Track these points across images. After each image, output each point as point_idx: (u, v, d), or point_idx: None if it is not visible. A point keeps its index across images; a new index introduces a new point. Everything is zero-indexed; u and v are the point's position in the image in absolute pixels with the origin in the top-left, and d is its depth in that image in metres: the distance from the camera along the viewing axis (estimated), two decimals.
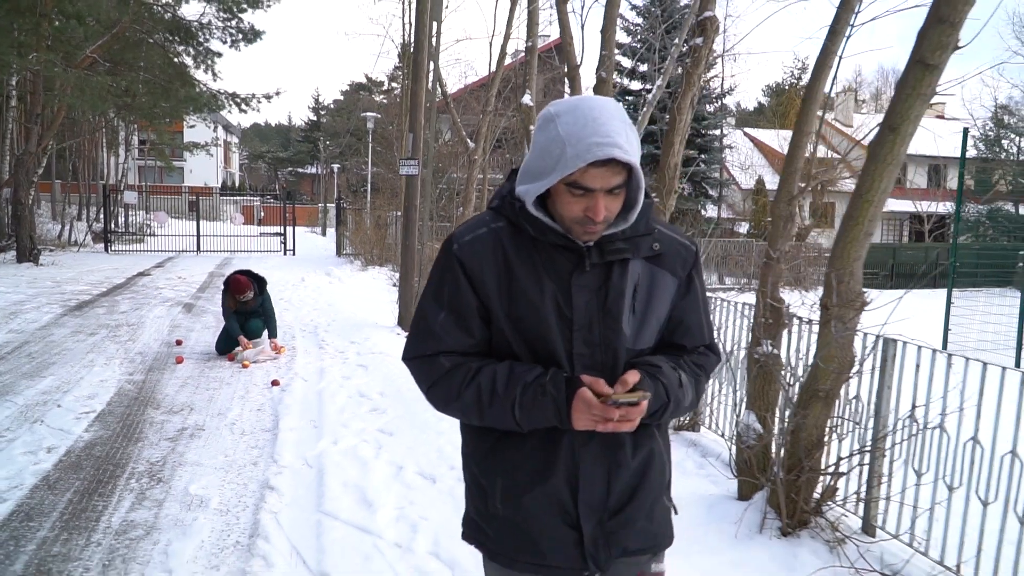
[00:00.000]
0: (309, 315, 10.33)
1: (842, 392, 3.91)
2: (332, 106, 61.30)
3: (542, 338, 1.49)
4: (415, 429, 5.07)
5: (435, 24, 10.07)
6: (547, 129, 1.44)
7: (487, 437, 1.56)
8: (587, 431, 1.46)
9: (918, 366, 3.60)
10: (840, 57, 4.03)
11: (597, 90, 5.94)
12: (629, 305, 1.53)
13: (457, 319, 1.52)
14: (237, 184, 60.53)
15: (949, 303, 11.35)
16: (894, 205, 37.97)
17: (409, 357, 1.57)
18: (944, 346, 11.08)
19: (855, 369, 3.71)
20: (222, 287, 7.74)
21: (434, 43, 10.14)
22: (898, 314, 3.56)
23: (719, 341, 4.93)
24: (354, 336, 8.71)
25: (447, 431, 4.95)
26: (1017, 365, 10.06)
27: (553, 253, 1.50)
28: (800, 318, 4.24)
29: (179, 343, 8.01)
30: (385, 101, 33.14)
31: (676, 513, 1.68)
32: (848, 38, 3.96)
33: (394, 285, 12.85)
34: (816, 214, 33.96)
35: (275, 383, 6.39)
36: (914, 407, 3.63)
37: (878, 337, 3.79)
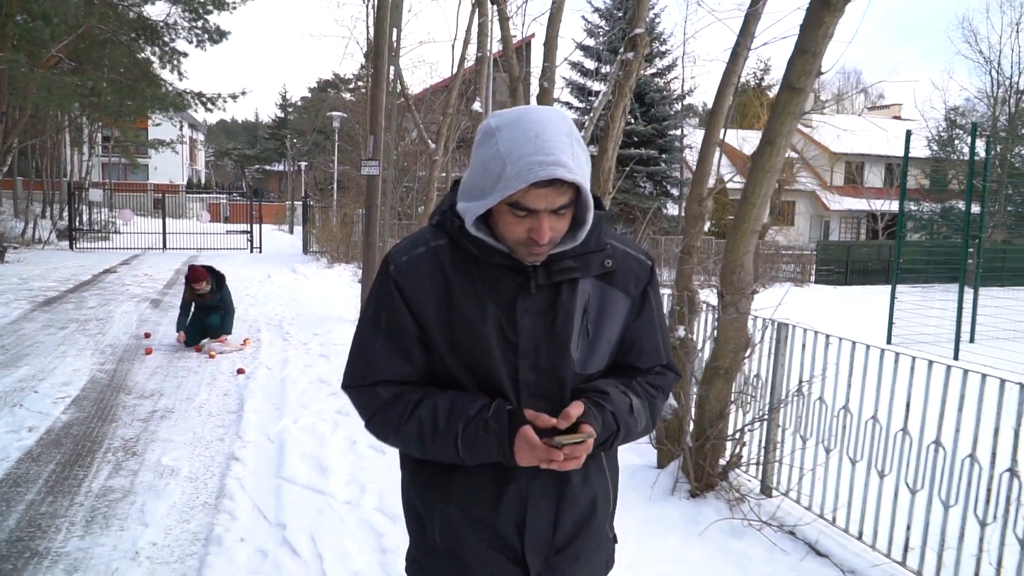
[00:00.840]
0: (274, 310, 10.72)
1: (745, 369, 4.47)
2: (300, 103, 61.22)
3: (484, 365, 1.42)
4: None
5: (395, 30, 10.53)
6: (487, 144, 1.35)
7: (428, 464, 1.48)
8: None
9: (804, 346, 4.15)
10: (738, 76, 4.59)
11: (540, 99, 6.46)
12: (579, 328, 1.45)
13: (395, 346, 1.44)
14: (203, 182, 60.17)
15: (893, 298, 12.09)
16: (851, 204, 39.15)
17: (347, 385, 1.49)
18: (888, 339, 11.80)
19: (749, 350, 4.27)
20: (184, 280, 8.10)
21: (395, 48, 10.59)
22: (850, 308, 4.11)
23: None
24: (317, 329, 9.14)
25: None
26: (956, 356, 10.77)
27: (497, 274, 1.42)
28: (711, 306, 4.79)
29: (147, 336, 8.37)
30: (353, 99, 33.38)
31: (616, 542, 1.65)
32: (745, 60, 4.52)
33: (359, 281, 13.27)
34: (774, 212, 34.97)
35: (240, 371, 6.81)
36: (800, 382, 4.19)
37: (773, 322, 4.35)
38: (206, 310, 7.91)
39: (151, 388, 6.15)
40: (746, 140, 35.41)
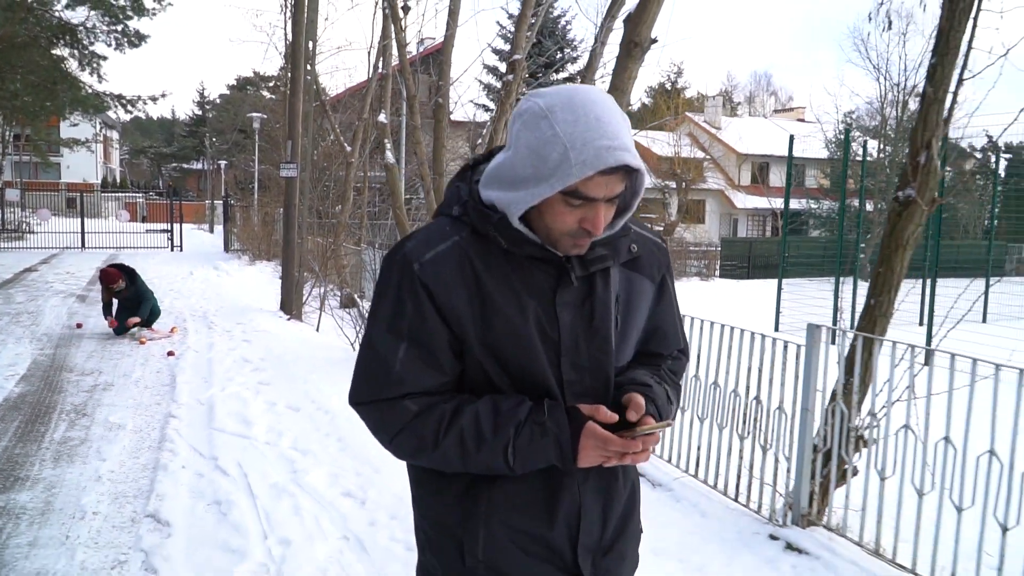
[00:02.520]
0: (199, 303, 11.46)
1: None
2: (219, 101, 60.45)
3: (525, 367, 1.32)
4: (286, 381, 6.50)
5: (311, 43, 11.41)
6: (538, 127, 1.23)
7: (457, 480, 1.36)
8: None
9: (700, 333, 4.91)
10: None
11: (435, 114, 7.51)
12: (614, 319, 1.38)
13: (424, 354, 1.31)
14: (119, 180, 58.80)
15: (780, 289, 13.62)
16: (758, 203, 41.57)
17: (362, 401, 1.35)
18: (776, 327, 13.31)
19: None
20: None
21: (311, 56, 11.47)
22: (749, 300, 4.95)
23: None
24: (240, 319, 9.97)
25: (313, 380, 6.42)
26: (833, 342, 12.23)
27: (529, 267, 1.32)
28: None
29: (79, 326, 9.06)
30: (274, 97, 33.62)
31: (642, 531, 1.57)
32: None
33: (279, 277, 14.05)
34: (682, 211, 36.96)
35: (171, 353, 7.65)
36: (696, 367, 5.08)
37: None
38: (127, 306, 8.61)
39: (91, 367, 6.95)
40: (654, 140, 37.29)
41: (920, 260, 16.26)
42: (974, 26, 4.06)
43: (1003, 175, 24.45)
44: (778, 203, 37.93)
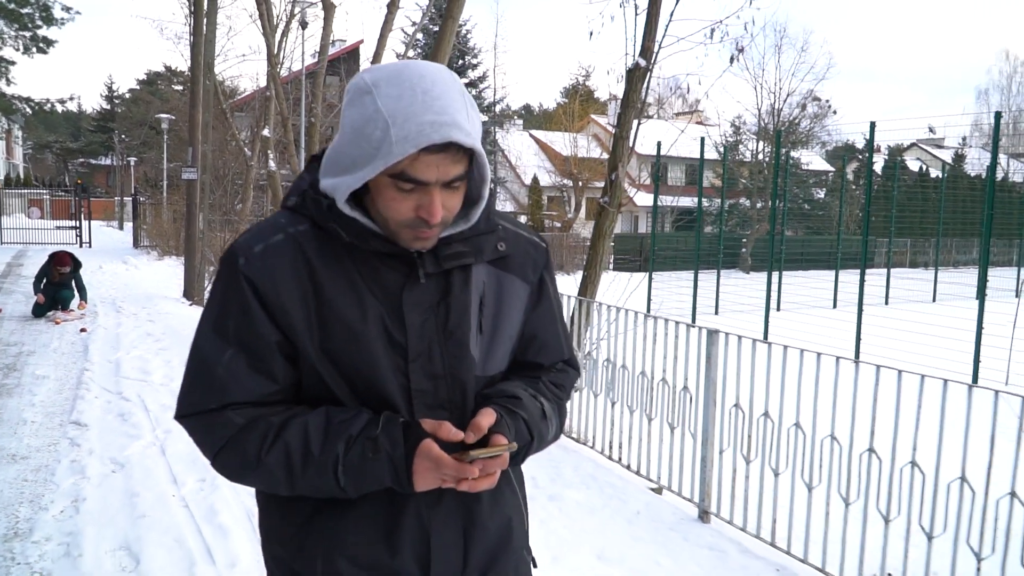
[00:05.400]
0: (108, 292, 12.78)
1: None
2: (128, 95, 59.72)
3: (367, 375, 1.17)
4: (182, 347, 8.07)
5: (209, 60, 12.88)
6: (361, 103, 1.10)
7: (301, 506, 1.21)
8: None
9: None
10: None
11: (308, 132, 9.14)
12: (476, 322, 1.23)
13: (250, 359, 1.17)
14: (23, 177, 57.52)
15: (651, 280, 15.66)
16: (665, 200, 44.34)
17: (185, 414, 1.20)
18: (648, 310, 15.42)
19: None
20: (45, 260, 10.17)
21: (211, 69, 12.93)
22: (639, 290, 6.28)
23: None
24: (146, 304, 11.41)
25: None
26: (693, 321, 14.35)
27: (374, 263, 1.18)
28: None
29: None
30: (184, 94, 34.25)
31: (535, 567, 1.42)
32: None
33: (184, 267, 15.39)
34: (579, 209, 39.33)
35: (83, 330, 9.09)
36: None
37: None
38: (58, 286, 10.06)
39: (14, 340, 8.37)
40: (553, 140, 39.49)
41: (766, 254, 18.84)
42: (647, 90, 6.08)
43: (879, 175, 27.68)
44: (683, 200, 40.93)
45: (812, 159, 43.08)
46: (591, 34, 7.11)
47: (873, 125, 11.67)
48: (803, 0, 59.38)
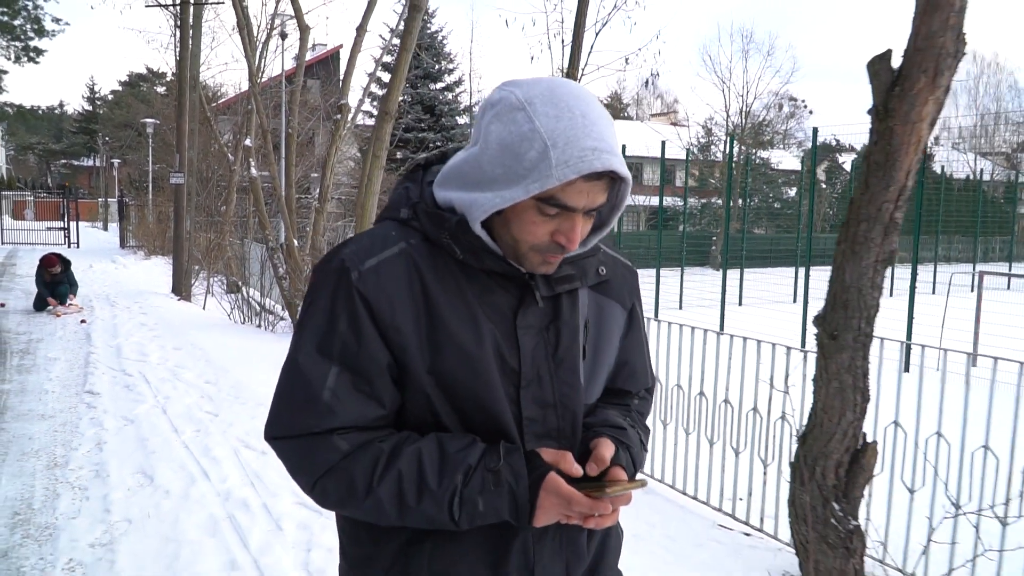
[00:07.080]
0: (101, 289, 13.78)
1: None
2: (110, 97, 60.23)
3: (480, 401, 1.12)
4: (174, 335, 9.14)
5: (195, 75, 13.90)
6: (512, 119, 1.05)
7: (395, 533, 1.15)
8: None
9: None
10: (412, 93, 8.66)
11: (287, 144, 10.19)
12: (582, 348, 1.20)
13: (357, 381, 1.10)
14: (5, 178, 57.93)
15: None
16: (633, 199, 45.72)
17: (280, 436, 1.12)
18: None
19: None
20: (38, 264, 11.16)
21: (196, 81, 13.93)
22: None
23: None
24: (138, 299, 12.43)
25: (193, 333, 9.08)
26: (656, 315, 15.64)
27: (486, 281, 1.14)
28: None
29: (2, 305, 11.34)
30: (168, 95, 35.02)
31: None
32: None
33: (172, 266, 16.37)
34: None
35: (83, 321, 10.11)
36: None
37: None
38: (55, 284, 11.04)
39: (22, 330, 9.39)
40: None
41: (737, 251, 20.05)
42: None
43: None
44: (653, 200, 42.27)
45: (783, 158, 44.61)
46: (532, 59, 8.25)
47: (816, 131, 12.69)
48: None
